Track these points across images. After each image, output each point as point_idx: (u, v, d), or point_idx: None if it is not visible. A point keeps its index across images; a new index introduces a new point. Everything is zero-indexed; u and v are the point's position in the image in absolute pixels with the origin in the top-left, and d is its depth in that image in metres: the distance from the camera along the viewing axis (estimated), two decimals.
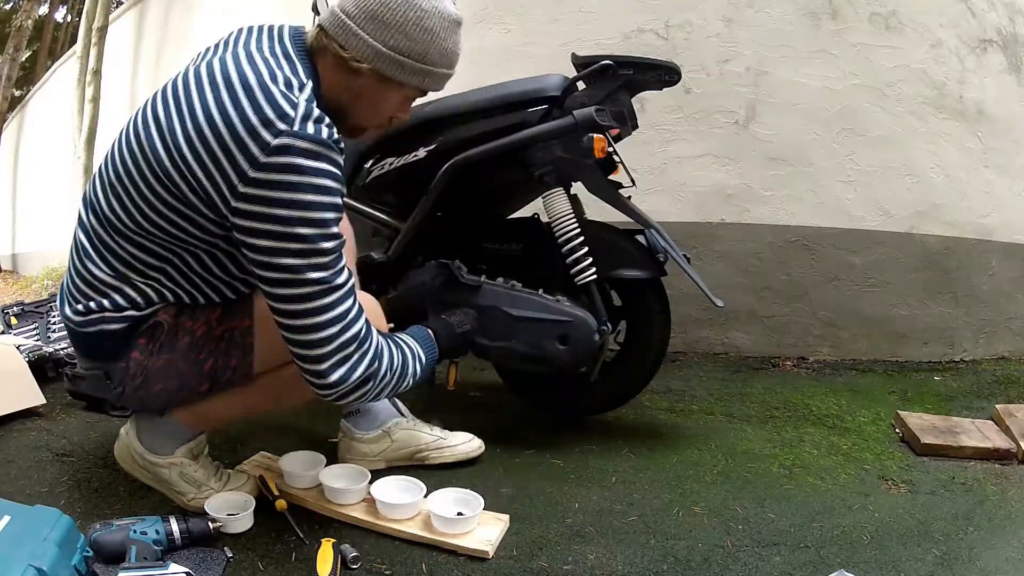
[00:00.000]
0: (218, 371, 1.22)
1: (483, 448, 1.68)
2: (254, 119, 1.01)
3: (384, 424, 1.58)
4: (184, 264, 1.19)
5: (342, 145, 1.07)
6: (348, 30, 1.08)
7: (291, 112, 1.02)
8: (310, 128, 1.02)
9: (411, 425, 1.62)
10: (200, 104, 1.05)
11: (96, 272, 1.20)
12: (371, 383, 1.14)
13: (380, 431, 1.57)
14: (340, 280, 1.08)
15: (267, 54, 1.09)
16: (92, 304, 1.20)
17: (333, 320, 1.07)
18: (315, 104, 1.06)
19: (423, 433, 1.61)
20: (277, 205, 1.02)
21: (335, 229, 1.06)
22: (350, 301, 1.10)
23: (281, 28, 1.16)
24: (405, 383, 1.22)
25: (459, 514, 1.30)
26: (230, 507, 1.31)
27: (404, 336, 1.28)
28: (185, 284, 1.21)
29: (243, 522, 1.28)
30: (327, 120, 1.06)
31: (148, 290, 1.20)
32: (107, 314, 1.19)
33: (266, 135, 1.01)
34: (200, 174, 1.05)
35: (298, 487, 1.43)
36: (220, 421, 1.36)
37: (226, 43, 1.17)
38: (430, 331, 1.37)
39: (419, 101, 1.84)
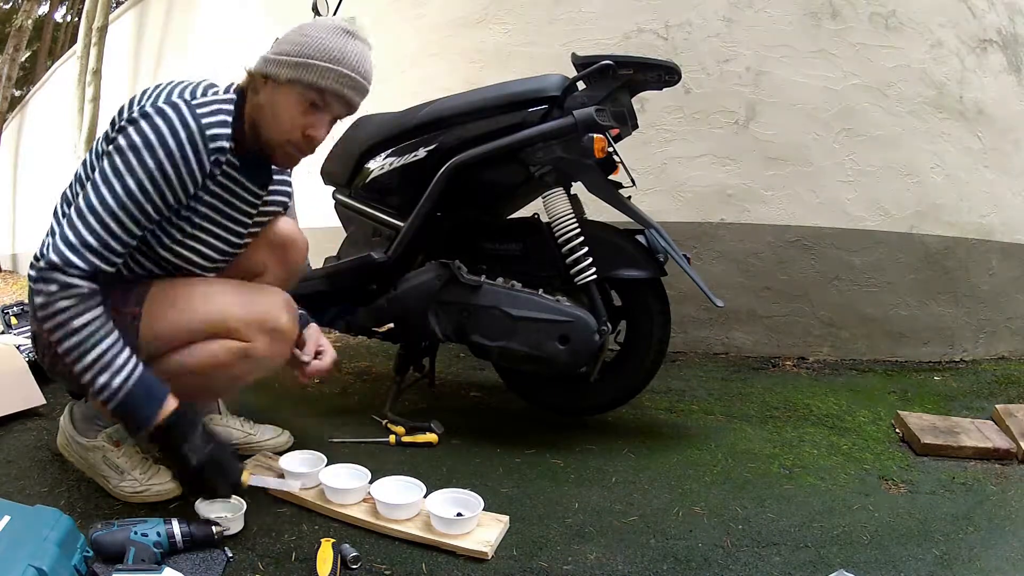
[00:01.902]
0: None
1: (291, 441, 1.68)
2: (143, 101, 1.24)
3: None
4: None
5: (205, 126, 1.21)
6: (259, 58, 1.28)
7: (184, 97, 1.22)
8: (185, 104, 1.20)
9: (224, 421, 1.65)
10: None
11: None
12: (52, 308, 1.12)
13: None
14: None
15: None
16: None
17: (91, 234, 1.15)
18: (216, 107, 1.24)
19: (233, 430, 1.64)
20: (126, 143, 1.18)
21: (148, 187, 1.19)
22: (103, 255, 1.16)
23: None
24: (93, 362, 1.14)
25: (458, 515, 1.30)
26: (222, 510, 1.29)
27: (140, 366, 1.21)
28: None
29: (235, 524, 1.27)
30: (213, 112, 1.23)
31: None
32: None
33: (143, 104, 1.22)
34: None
35: None
36: None
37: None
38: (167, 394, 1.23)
39: (419, 102, 1.89)
